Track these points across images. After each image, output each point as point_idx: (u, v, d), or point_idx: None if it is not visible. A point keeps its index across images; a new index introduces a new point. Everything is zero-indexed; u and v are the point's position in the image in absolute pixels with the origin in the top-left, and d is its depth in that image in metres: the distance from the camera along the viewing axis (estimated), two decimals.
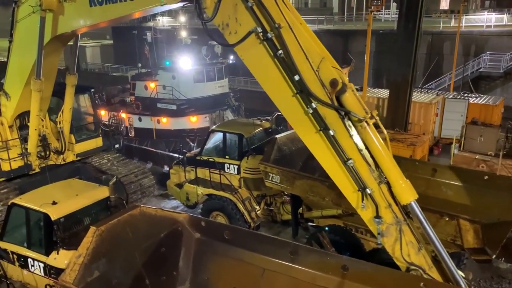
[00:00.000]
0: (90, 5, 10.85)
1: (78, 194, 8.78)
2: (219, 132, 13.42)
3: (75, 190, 9.07)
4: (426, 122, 22.61)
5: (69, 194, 8.80)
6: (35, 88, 12.88)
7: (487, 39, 33.58)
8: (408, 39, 20.74)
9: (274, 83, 8.32)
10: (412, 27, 20.56)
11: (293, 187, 11.10)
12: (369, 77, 39.45)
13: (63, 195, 8.68)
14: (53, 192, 8.99)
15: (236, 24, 8.40)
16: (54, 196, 8.55)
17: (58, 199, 8.35)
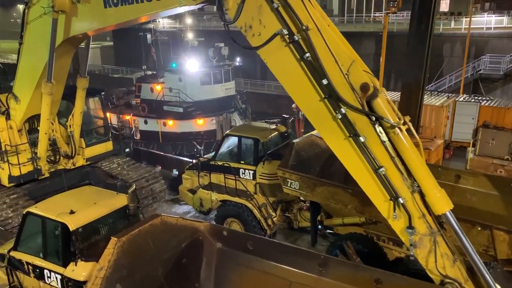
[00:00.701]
0: (104, 6, 10.55)
1: (96, 203, 8.44)
2: (234, 137, 13.09)
3: (92, 198, 8.73)
4: (438, 126, 22.30)
5: (86, 202, 8.46)
6: (46, 92, 12.56)
7: (487, 41, 33.57)
8: (420, 41, 20.38)
9: (300, 87, 8.01)
10: (424, 28, 20.20)
11: (313, 194, 10.77)
12: None
13: (80, 203, 8.35)
14: (70, 201, 8.66)
15: (260, 26, 8.11)
16: (71, 204, 8.22)
17: (75, 208, 8.02)
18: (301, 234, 13.18)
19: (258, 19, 8.07)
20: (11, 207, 12.78)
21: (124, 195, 8.84)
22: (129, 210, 8.54)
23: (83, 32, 11.69)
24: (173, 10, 9.92)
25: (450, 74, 33.98)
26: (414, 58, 20.77)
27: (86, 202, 8.47)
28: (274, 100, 41.44)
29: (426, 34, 20.33)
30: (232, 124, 28.49)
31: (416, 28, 20.63)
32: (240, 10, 8.05)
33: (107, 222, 8.36)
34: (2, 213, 12.46)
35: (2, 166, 13.28)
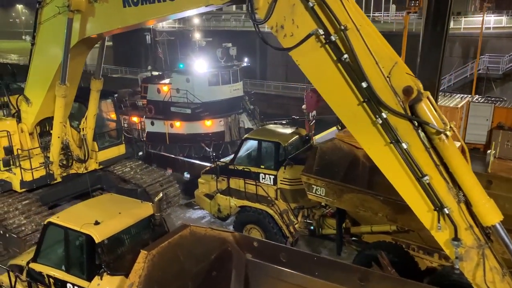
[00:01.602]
0: (123, 6, 10.14)
1: (121, 212, 8.00)
2: (253, 140, 12.66)
3: (116, 207, 8.30)
4: None
5: (110, 212, 8.03)
6: (60, 94, 12.16)
7: (486, 40, 33.39)
8: (435, 42, 19.99)
9: (336, 90, 7.61)
10: (440, 29, 19.84)
11: (340, 201, 10.36)
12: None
13: (104, 213, 7.91)
14: (93, 210, 8.23)
15: (292, 26, 7.72)
16: (94, 214, 7.79)
17: (100, 219, 7.59)
18: (323, 242, 12.77)
19: (291, 19, 7.69)
20: (23, 213, 12.35)
21: (149, 204, 8.43)
22: (155, 220, 8.11)
23: (100, 32, 11.30)
24: (197, 10, 9.53)
25: (449, 73, 34.02)
26: (429, 59, 20.37)
27: (110, 212, 8.04)
28: (274, 100, 41.18)
29: (442, 35, 19.94)
30: (241, 126, 28.11)
31: (431, 29, 20.25)
32: (271, 10, 7.66)
33: (132, 232, 7.94)
34: (15, 220, 12.04)
35: (14, 171, 12.85)
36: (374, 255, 10.01)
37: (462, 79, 34.25)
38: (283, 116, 30.85)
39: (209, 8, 9.14)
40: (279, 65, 45.82)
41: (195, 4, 8.97)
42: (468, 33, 34.33)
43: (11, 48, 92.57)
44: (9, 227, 11.84)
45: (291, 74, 44.62)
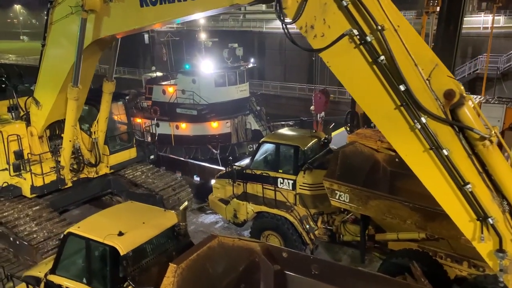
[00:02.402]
0: (141, 5, 9.77)
1: (145, 222, 7.62)
2: (271, 144, 12.28)
3: (139, 216, 7.91)
4: None
5: (134, 222, 7.64)
6: (72, 97, 11.78)
7: (484, 40, 33.26)
8: (448, 42, 19.75)
9: (370, 94, 7.28)
10: (453, 29, 19.59)
11: (366, 207, 10.00)
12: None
13: (127, 223, 7.53)
14: (115, 220, 7.85)
15: (324, 26, 7.39)
16: (117, 224, 7.41)
17: (124, 229, 7.21)
18: (344, 248, 12.42)
19: (322, 19, 7.36)
20: (34, 220, 11.98)
21: (173, 212, 8.06)
22: (180, 229, 7.73)
23: (115, 33, 10.94)
24: (218, 10, 9.19)
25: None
26: (442, 59, 20.07)
27: (134, 222, 7.66)
28: (272, 100, 40.91)
29: (455, 35, 19.70)
30: (247, 127, 27.77)
31: (445, 29, 19.99)
32: (301, 9, 7.33)
33: (156, 243, 7.56)
34: (26, 227, 11.66)
35: (24, 176, 12.45)
36: (401, 264, 9.69)
37: (461, 79, 34.02)
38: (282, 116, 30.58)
39: (232, 8, 8.81)
40: (278, 65, 45.60)
41: (218, 3, 8.61)
42: (466, 32, 34.17)
43: (8, 49, 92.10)
44: (20, 234, 11.46)
45: (290, 74, 44.40)
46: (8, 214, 12.09)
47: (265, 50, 45.78)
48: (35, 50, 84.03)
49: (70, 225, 11.86)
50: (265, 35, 46.34)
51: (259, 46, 46.13)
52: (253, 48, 44.01)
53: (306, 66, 44.69)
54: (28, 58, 73.01)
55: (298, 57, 43.63)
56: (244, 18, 50.40)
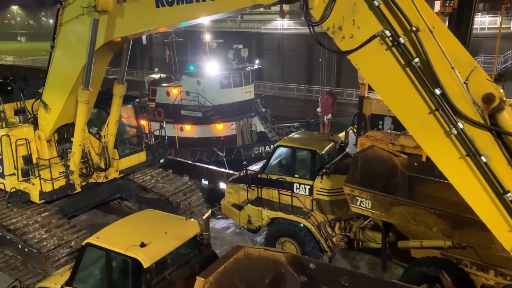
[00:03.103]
0: (156, 6, 9.44)
1: (167, 232, 7.30)
2: (287, 148, 11.96)
3: (160, 226, 7.58)
4: None
5: (155, 232, 7.31)
6: (83, 100, 11.44)
7: (481, 41, 33.31)
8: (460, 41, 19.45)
9: (403, 97, 7.00)
10: (464, 29, 19.40)
11: (389, 214, 9.69)
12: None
13: (149, 233, 7.20)
14: (135, 229, 7.52)
15: (353, 27, 7.10)
16: (138, 234, 7.08)
17: (146, 240, 6.88)
18: (357, 253, 12.12)
19: (351, 19, 7.07)
20: (43, 226, 11.63)
21: (195, 221, 7.74)
22: (202, 239, 7.41)
23: (129, 34, 10.61)
24: (238, 11, 8.87)
25: None
26: None
27: (155, 231, 7.34)
28: (269, 101, 40.62)
29: (466, 35, 19.49)
30: (253, 129, 27.46)
31: (455, 29, 19.75)
32: (329, 9, 7.03)
33: (179, 254, 7.23)
34: (35, 234, 11.31)
35: (33, 181, 12.10)
36: (426, 273, 9.40)
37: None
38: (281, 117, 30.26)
39: (253, 8, 8.50)
40: (275, 66, 45.36)
41: (239, 3, 8.29)
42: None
43: (6, 49, 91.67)
44: (30, 242, 11.11)
45: (288, 75, 44.16)
46: (16, 221, 11.74)
47: (263, 51, 45.56)
48: (32, 51, 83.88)
49: (81, 232, 11.63)
50: (263, 36, 46.16)
51: (257, 47, 45.89)
52: (251, 49, 43.78)
53: (304, 67, 44.52)
54: (25, 59, 72.68)
55: (296, 58, 43.46)
56: (242, 19, 50.12)
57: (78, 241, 11.26)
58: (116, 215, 15.36)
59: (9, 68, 68.85)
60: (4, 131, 12.18)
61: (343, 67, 38.14)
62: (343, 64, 37.83)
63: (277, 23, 47.53)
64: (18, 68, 53.98)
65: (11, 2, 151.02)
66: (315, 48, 44.84)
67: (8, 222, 11.71)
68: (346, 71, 38.59)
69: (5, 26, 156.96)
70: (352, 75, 38.69)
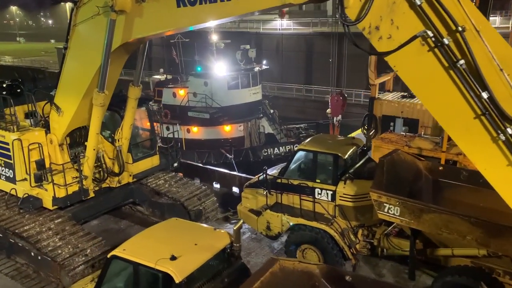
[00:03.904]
0: (177, 5, 9.07)
1: (197, 244, 6.93)
2: (308, 152, 11.58)
3: (188, 236, 7.21)
4: None
5: (185, 243, 6.94)
6: (98, 103, 11.09)
7: None
8: None
9: (447, 102, 6.68)
10: None
11: (419, 221, 9.35)
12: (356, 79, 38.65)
13: (178, 245, 6.83)
14: (163, 241, 7.16)
15: (391, 27, 6.78)
16: (167, 246, 6.72)
17: (176, 252, 6.51)
18: (378, 260, 11.77)
19: (389, 19, 6.76)
20: (57, 234, 11.26)
21: (225, 232, 7.37)
22: (233, 251, 7.05)
23: (147, 35, 10.26)
24: (266, 10, 8.51)
25: None
26: None
27: (185, 243, 6.97)
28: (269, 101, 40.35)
29: None
30: (261, 131, 27.11)
31: None
32: (366, 9, 6.70)
33: (209, 266, 6.86)
34: (49, 242, 10.94)
35: (46, 187, 11.73)
36: (458, 282, 9.06)
37: None
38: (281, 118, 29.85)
39: (282, 8, 8.17)
40: (275, 66, 45.04)
41: (267, 3, 7.94)
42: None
43: (5, 50, 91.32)
44: (44, 250, 10.74)
45: (287, 75, 43.87)
46: (29, 228, 11.38)
47: (262, 51, 45.23)
48: (31, 52, 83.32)
49: (96, 239, 11.26)
50: (262, 36, 45.84)
51: (256, 47, 45.46)
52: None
53: (304, 67, 44.23)
54: (24, 59, 72.29)
55: (295, 58, 43.14)
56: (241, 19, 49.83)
57: (94, 249, 10.92)
58: (128, 220, 15.05)
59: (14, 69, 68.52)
60: (15, 135, 11.83)
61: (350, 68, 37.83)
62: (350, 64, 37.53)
63: (276, 23, 47.35)
64: (26, 70, 53.50)
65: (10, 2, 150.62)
66: (314, 48, 44.80)
67: (20, 229, 11.36)
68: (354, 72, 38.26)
69: (4, 27, 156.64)
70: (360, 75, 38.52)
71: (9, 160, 12.18)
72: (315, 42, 44.92)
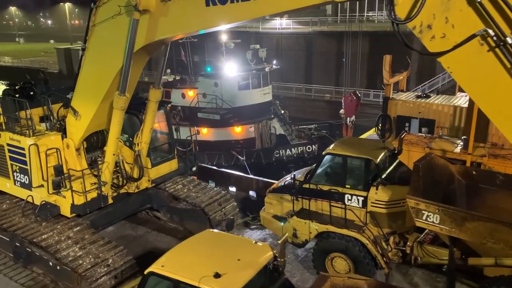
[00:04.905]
0: (206, 4, 8.61)
1: (240, 259, 6.47)
2: (337, 156, 11.12)
3: (230, 251, 6.75)
4: None
5: (226, 258, 6.48)
6: (119, 106, 10.65)
7: None
8: None
9: (508, 104, 6.22)
10: None
11: (461, 230, 8.91)
12: (362, 79, 38.35)
13: (220, 260, 6.38)
14: (203, 255, 6.69)
15: (445, 26, 6.34)
16: (208, 262, 6.28)
17: (219, 268, 6.05)
18: (408, 267, 11.35)
19: (444, 17, 6.32)
20: (77, 243, 10.79)
21: (267, 245, 6.92)
22: (277, 266, 6.59)
23: (173, 36, 9.81)
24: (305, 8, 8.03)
25: (443, 73, 33.72)
26: None
27: (226, 258, 6.51)
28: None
29: None
30: (272, 132, 26.67)
31: None
32: (419, 6, 6.27)
33: (253, 283, 6.40)
34: (69, 252, 10.47)
35: (64, 194, 11.28)
36: None
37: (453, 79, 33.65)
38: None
39: (324, 5, 7.69)
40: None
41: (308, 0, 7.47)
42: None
43: (4, 50, 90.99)
44: (64, 260, 10.27)
45: (286, 74, 43.48)
46: (47, 237, 10.92)
47: None
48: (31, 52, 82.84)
49: (117, 248, 10.81)
50: (261, 35, 45.52)
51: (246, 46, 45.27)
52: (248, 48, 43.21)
53: (303, 66, 43.87)
54: (24, 60, 71.87)
55: (295, 57, 42.80)
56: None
57: (116, 259, 10.47)
58: (145, 227, 14.62)
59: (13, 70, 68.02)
60: (32, 140, 11.37)
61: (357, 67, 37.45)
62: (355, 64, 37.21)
63: (276, 22, 47.09)
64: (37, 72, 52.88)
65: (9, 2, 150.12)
66: (313, 47, 44.56)
67: (38, 238, 10.90)
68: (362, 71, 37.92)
69: (3, 27, 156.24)
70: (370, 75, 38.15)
71: (25, 166, 11.73)
72: (314, 41, 44.80)
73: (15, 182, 12.30)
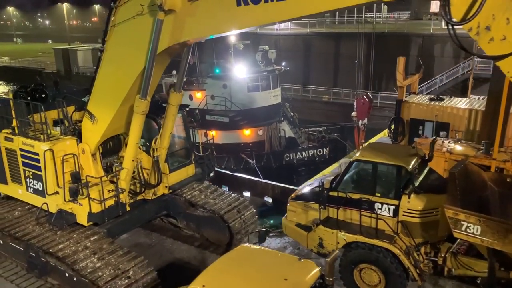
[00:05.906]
0: (237, 4, 8.16)
1: (287, 279, 6.00)
2: (366, 163, 10.65)
3: (273, 269, 6.26)
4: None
5: (273, 279, 5.97)
6: (140, 110, 10.20)
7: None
8: None
9: None
10: None
11: (504, 242, 8.48)
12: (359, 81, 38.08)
13: (266, 281, 5.90)
14: (244, 275, 6.19)
15: (506, 27, 5.93)
16: (253, 283, 5.81)
17: None
18: (437, 278, 10.94)
19: (505, 18, 5.90)
20: (95, 253, 10.31)
21: (312, 262, 6.44)
22: (325, 285, 6.13)
23: (200, 37, 9.37)
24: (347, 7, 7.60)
25: (441, 74, 34.24)
26: None
27: (271, 278, 6.03)
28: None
29: None
30: (281, 134, 26.23)
31: None
32: (479, 7, 5.84)
33: None
34: (88, 263, 9.99)
35: (81, 202, 10.79)
36: None
37: (454, 79, 34.30)
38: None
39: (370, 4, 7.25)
40: None
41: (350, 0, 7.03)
42: (460, 33, 33.28)
43: (2, 51, 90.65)
44: (82, 272, 9.78)
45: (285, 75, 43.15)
46: (64, 247, 10.44)
47: None
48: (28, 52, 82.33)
49: (138, 259, 10.34)
50: (259, 36, 45.18)
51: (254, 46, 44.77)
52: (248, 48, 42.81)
53: (301, 67, 43.60)
54: (21, 60, 71.33)
55: (293, 58, 42.48)
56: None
57: (137, 271, 10.00)
58: (159, 233, 14.17)
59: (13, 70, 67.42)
60: (46, 145, 10.88)
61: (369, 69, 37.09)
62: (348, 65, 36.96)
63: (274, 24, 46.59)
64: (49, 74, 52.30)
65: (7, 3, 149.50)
66: (312, 48, 44.38)
67: (55, 248, 10.42)
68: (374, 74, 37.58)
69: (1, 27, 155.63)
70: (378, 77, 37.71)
71: (39, 172, 11.25)
72: (312, 42, 44.59)
73: (27, 189, 11.82)
